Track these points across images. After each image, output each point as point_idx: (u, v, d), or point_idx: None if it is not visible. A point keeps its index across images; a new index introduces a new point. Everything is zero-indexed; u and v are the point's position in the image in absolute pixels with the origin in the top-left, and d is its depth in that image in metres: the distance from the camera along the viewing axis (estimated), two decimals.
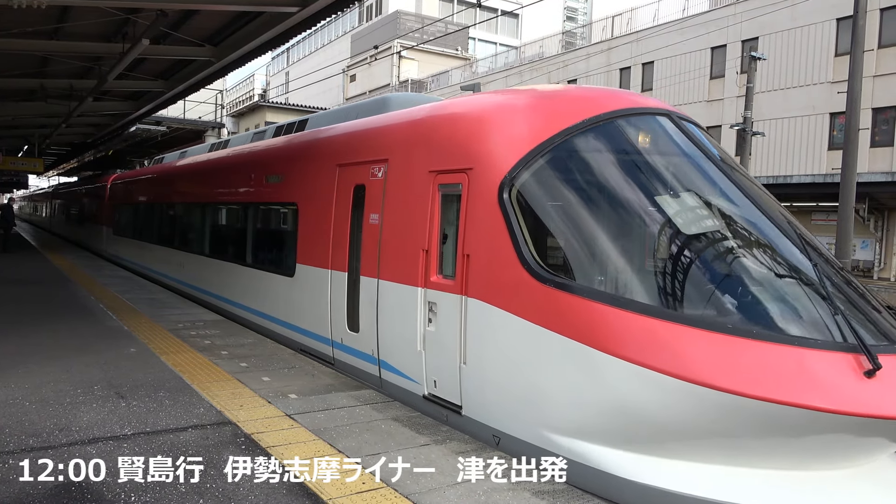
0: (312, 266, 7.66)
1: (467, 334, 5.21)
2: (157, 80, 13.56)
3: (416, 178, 5.96)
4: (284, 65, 60.59)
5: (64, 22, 9.48)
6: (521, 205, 5.01)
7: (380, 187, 6.44)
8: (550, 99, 5.83)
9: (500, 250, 4.94)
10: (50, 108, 15.62)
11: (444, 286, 5.48)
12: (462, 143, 5.61)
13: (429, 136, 6.11)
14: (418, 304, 5.70)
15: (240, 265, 10.13)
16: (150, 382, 6.04)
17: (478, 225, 5.18)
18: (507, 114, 5.59)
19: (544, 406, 4.71)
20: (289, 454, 4.38)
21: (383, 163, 6.49)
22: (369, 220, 6.53)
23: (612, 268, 4.79)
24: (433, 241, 5.66)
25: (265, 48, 10.15)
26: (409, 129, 6.53)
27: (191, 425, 4.95)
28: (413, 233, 5.85)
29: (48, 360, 6.73)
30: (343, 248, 7.00)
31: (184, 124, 25.10)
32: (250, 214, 10.06)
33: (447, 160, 5.66)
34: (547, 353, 4.63)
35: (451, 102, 6.61)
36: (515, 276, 4.81)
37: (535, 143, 5.10)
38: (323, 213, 7.44)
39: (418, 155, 6.06)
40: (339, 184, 7.22)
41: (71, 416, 5.03)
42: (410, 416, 5.38)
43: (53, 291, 11.97)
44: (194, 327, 8.89)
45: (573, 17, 62.43)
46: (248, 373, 6.57)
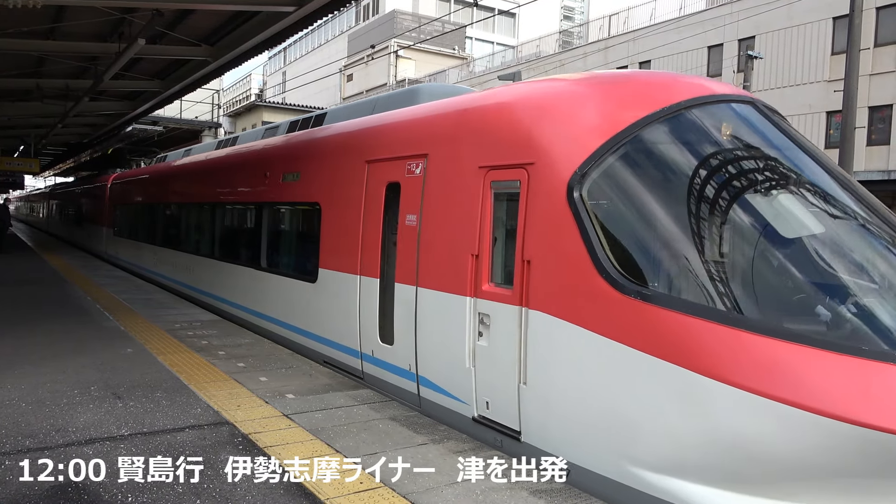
0: (337, 271, 7.05)
1: (528, 351, 4.61)
2: (153, 79, 13.54)
3: (462, 174, 5.37)
4: (281, 64, 60.52)
5: (60, 21, 9.45)
6: (596, 204, 4.43)
7: (418, 185, 5.83)
8: (622, 84, 5.22)
9: (570, 256, 4.35)
10: (46, 108, 15.58)
11: (498, 296, 4.89)
12: (521, 135, 4.98)
13: (478, 127, 5.50)
14: (466, 315, 5.11)
15: (253, 269, 9.50)
16: (147, 383, 6.02)
17: (541, 227, 4.59)
18: (574, 101, 4.98)
19: (628, 436, 4.09)
20: (286, 454, 4.37)
21: (422, 158, 5.87)
22: (405, 222, 5.91)
23: (715, 278, 4.10)
24: (484, 246, 5.06)
25: (262, 48, 10.14)
26: (453, 120, 5.88)
27: (188, 425, 4.93)
28: (459, 236, 5.27)
29: (44, 360, 6.70)
30: (374, 251, 6.40)
31: (180, 124, 25.08)
32: (265, 215, 9.34)
33: (501, 154, 5.06)
34: (633, 376, 4.03)
35: (504, 90, 5.88)
36: (590, 286, 4.21)
37: (609, 134, 4.50)
38: (349, 214, 6.84)
39: (465, 149, 5.47)
40: (368, 182, 6.61)
41: (68, 417, 5.01)
42: (408, 416, 5.37)
43: (50, 292, 11.94)
44: (191, 327, 8.87)
45: (570, 17, 62.47)
46: (245, 373, 6.55)
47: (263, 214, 9.36)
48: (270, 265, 9.15)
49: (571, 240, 4.34)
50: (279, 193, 8.90)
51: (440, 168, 5.69)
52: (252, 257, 9.65)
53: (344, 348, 6.97)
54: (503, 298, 4.84)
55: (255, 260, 9.50)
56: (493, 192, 5.10)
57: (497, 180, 5.06)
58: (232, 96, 51.11)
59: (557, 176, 4.55)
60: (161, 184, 15.53)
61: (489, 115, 5.53)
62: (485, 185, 5.13)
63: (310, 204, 8.01)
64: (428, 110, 6.44)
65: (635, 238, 4.47)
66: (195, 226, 12.87)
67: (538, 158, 4.73)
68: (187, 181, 13.75)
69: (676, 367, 3.80)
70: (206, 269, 11.56)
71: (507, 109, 5.38)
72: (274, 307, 8.75)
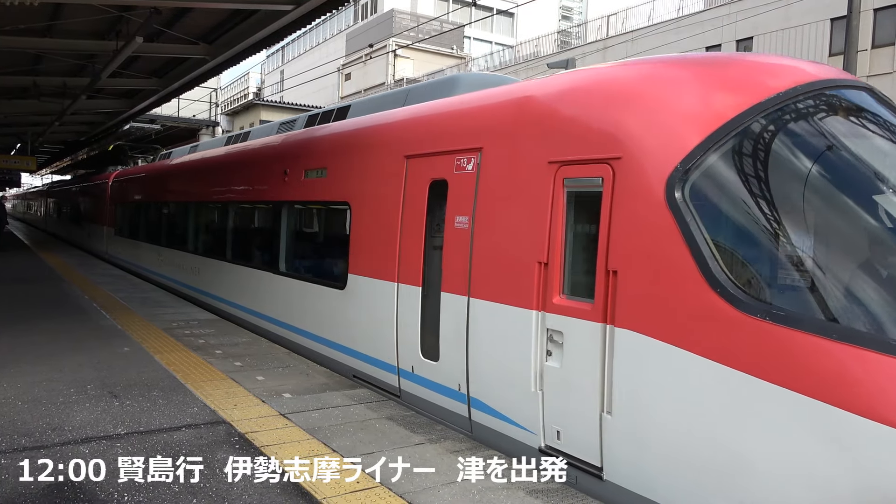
0: (371, 277, 6.40)
1: (615, 376, 3.99)
2: (150, 78, 13.50)
3: (526, 170, 4.75)
4: (279, 63, 60.46)
5: (57, 19, 9.43)
6: (703, 206, 3.81)
7: (469, 183, 5.22)
8: (724, 67, 4.52)
9: (672, 267, 3.74)
10: (43, 105, 15.54)
11: (574, 310, 4.27)
12: (604, 125, 4.34)
13: (547, 117, 4.80)
14: (533, 331, 4.50)
15: (270, 273, 8.76)
16: (144, 381, 6.01)
17: (631, 232, 3.97)
18: (671, 86, 4.32)
19: (754, 485, 3.42)
20: (283, 453, 4.37)
21: (474, 153, 5.25)
22: (454, 224, 5.30)
23: (867, 297, 3.48)
24: (554, 253, 4.42)
25: (259, 46, 10.12)
26: (515, 109, 5.20)
27: (185, 424, 4.93)
28: (522, 241, 4.65)
29: (40, 359, 6.69)
30: (415, 257, 5.76)
31: (178, 122, 25.05)
32: (284, 215, 8.60)
33: (577, 147, 4.42)
34: (760, 412, 3.40)
35: (577, 74, 5.17)
36: (700, 303, 3.59)
37: (716, 124, 3.87)
38: (385, 215, 6.21)
39: (530, 142, 4.81)
40: (409, 179, 5.98)
41: (64, 416, 5.00)
42: (405, 416, 5.37)
43: (46, 290, 11.91)
44: (188, 326, 8.86)
45: (568, 17, 62.48)
46: (242, 372, 6.55)
47: (282, 214, 8.64)
48: (290, 269, 8.48)
49: (673, 247, 3.73)
50: (301, 191, 8.21)
51: (498, 163, 5.05)
52: (269, 260, 9.00)
53: (377, 362, 6.32)
54: (580, 314, 4.22)
55: (272, 263, 8.82)
56: (565, 190, 4.45)
57: (572, 177, 4.40)
58: (230, 95, 51.07)
59: (652, 172, 3.93)
60: (167, 181, 14.94)
61: (562, 102, 4.80)
62: (556, 182, 4.47)
63: (338, 203, 7.42)
64: (481, 99, 5.76)
65: (757, 246, 3.81)
66: (203, 226, 12.30)
67: (627, 152, 4.08)
68: (196, 179, 12.96)
69: (824, 404, 3.15)
70: (214, 271, 10.93)
71: (584, 96, 4.68)
72: (293, 314, 8.09)
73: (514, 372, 4.69)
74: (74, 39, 10.68)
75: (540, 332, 4.50)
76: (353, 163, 7.06)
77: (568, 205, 4.47)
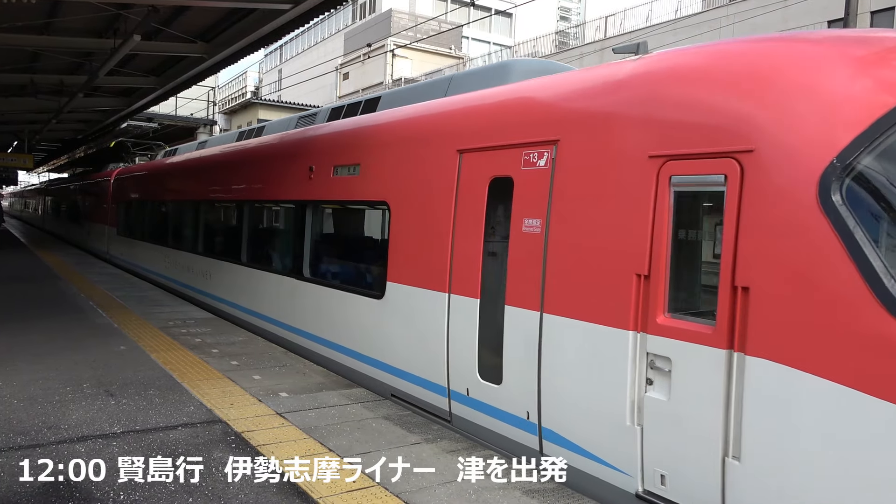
0: (414, 286, 5.75)
1: (745, 414, 3.35)
2: (148, 76, 13.48)
3: (618, 166, 4.08)
4: (277, 62, 60.39)
5: (54, 17, 9.40)
6: (871, 209, 3.20)
7: (542, 181, 4.55)
8: (874, 44, 3.79)
9: (830, 284, 3.10)
10: (40, 103, 15.48)
11: (685, 333, 3.61)
12: (728, 112, 3.65)
13: (647, 103, 4.07)
14: (629, 356, 3.87)
15: (293, 279, 7.99)
16: (140, 380, 6.01)
17: (769, 241, 3.32)
18: (815, 67, 3.58)
19: None
20: (279, 452, 4.37)
21: (549, 146, 4.56)
22: (522, 228, 4.66)
23: None
24: (658, 264, 3.76)
25: (257, 45, 10.11)
26: (601, 95, 4.48)
27: (181, 423, 4.93)
28: (613, 249, 4.01)
29: (37, 357, 6.68)
30: (471, 264, 5.12)
31: (175, 121, 24.98)
32: (309, 215, 7.89)
33: (690, 139, 3.73)
34: None
35: (684, 52, 4.47)
36: (874, 330, 2.93)
37: (883, 110, 3.20)
38: (433, 216, 5.60)
39: (624, 133, 4.11)
40: (463, 176, 5.33)
41: (60, 414, 4.99)
42: (401, 415, 5.37)
43: (43, 288, 11.89)
44: (185, 325, 8.85)
45: (566, 17, 62.52)
46: (238, 371, 6.54)
47: (307, 214, 7.90)
48: (316, 275, 7.78)
49: (831, 261, 3.08)
50: (329, 190, 7.44)
51: (580, 158, 4.37)
52: (291, 264, 8.23)
53: (423, 382, 5.67)
54: (695, 337, 3.57)
55: (294, 268, 8.06)
56: (672, 189, 3.76)
57: (682, 174, 3.72)
58: (228, 93, 51.00)
59: (800, 169, 3.27)
60: (174, 179, 14.21)
61: (667, 86, 4.05)
62: (660, 180, 3.80)
63: (374, 203, 6.80)
64: (556, 85, 5.05)
65: None
66: (214, 226, 11.67)
67: (761, 145, 3.42)
68: (207, 176, 12.06)
69: None
70: (226, 274, 10.17)
71: (699, 77, 3.94)
72: (320, 324, 7.39)
73: (601, 402, 4.06)
74: (72, 37, 10.65)
75: (638, 357, 3.85)
76: (393, 158, 6.38)
77: (676, 206, 3.78)
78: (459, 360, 5.23)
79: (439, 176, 5.58)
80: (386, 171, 6.45)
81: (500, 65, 6.38)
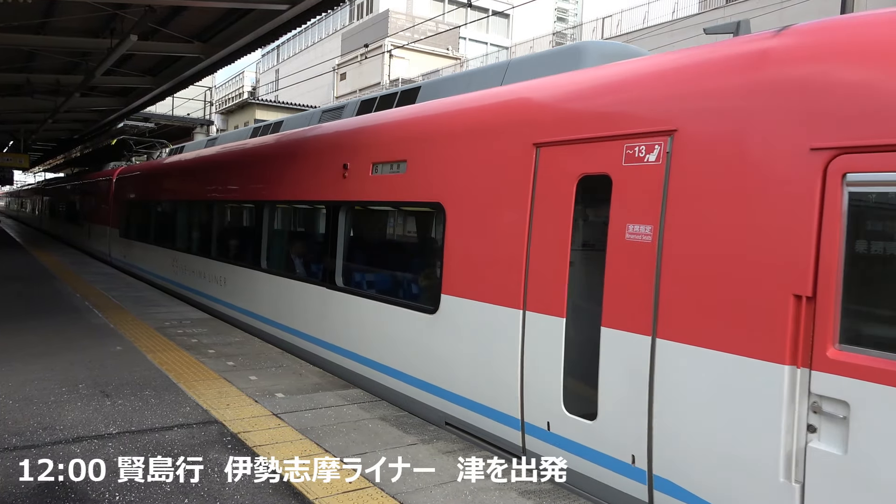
0: (477, 300, 5.05)
1: None
2: (145, 76, 13.46)
3: (765, 161, 3.37)
4: (274, 62, 60.35)
5: (50, 16, 9.39)
6: None
7: (653, 179, 3.85)
8: None
9: None
10: (36, 103, 15.44)
11: (872, 372, 2.94)
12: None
13: (807, 83, 3.31)
14: (783, 395, 3.19)
15: (324, 288, 7.20)
16: (136, 381, 6.00)
17: None
18: None
19: None
20: (275, 453, 4.36)
21: (661, 137, 3.84)
22: (624, 235, 3.98)
23: None
24: (828, 282, 3.09)
25: (255, 45, 10.11)
26: (736, 74, 3.70)
27: (176, 424, 4.92)
28: (759, 263, 3.34)
29: (32, 357, 6.66)
30: (555, 277, 4.37)
31: (172, 121, 24.94)
32: (343, 218, 7.09)
33: (871, 128, 3.03)
34: None
35: (854, 21, 3.75)
36: None
37: None
38: (501, 220, 4.90)
39: (773, 119, 3.38)
40: (541, 174, 4.59)
41: (55, 415, 4.98)
42: (398, 416, 5.37)
43: (38, 289, 11.86)
44: (181, 325, 8.84)
45: (564, 18, 62.63)
46: (234, 371, 6.53)
47: (340, 216, 7.10)
48: (351, 284, 7.02)
49: None
50: (368, 190, 6.65)
51: (707, 152, 3.66)
52: (321, 272, 7.51)
53: (487, 411, 4.95)
54: (884, 377, 2.90)
55: (325, 276, 7.29)
56: (845, 190, 3.06)
57: (862, 171, 3.05)
58: (225, 93, 50.97)
59: None
60: (183, 178, 13.32)
61: (836, 62, 3.30)
62: (828, 178, 3.11)
63: (424, 204, 6.08)
64: (665, 65, 4.33)
65: None
66: (231, 228, 10.89)
67: None
68: (221, 175, 11.12)
69: None
70: (244, 280, 9.34)
71: (881, 52, 3.18)
72: (356, 339, 6.63)
73: (740, 450, 3.38)
74: (68, 37, 10.64)
75: (797, 398, 3.17)
76: (449, 154, 5.60)
77: (851, 212, 3.07)
78: (537, 388, 4.52)
79: (509, 173, 4.87)
80: (440, 169, 5.67)
81: (571, 48, 5.64)
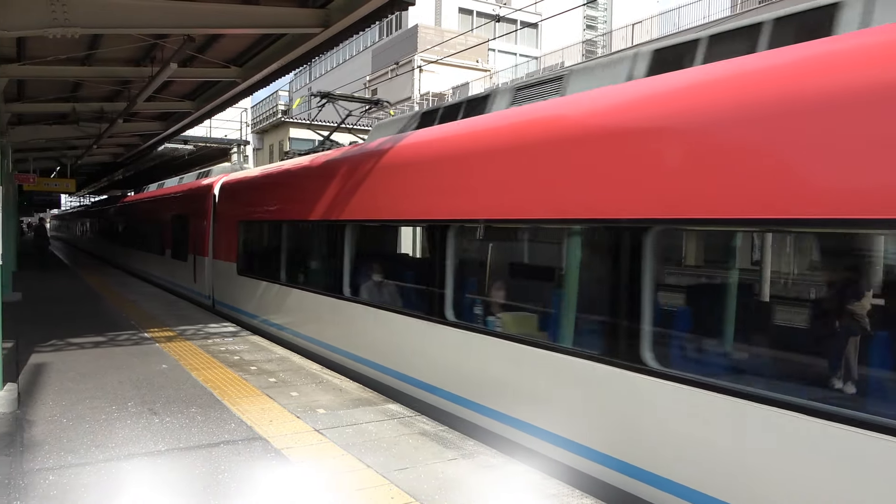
0: None
1: None
2: (184, 100, 13.88)
3: None
4: (307, 81, 61.42)
5: (95, 48, 9.78)
6: None
7: None
8: None
9: None
10: (82, 129, 16.06)
11: None
12: None
13: None
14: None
15: (589, 360, 4.56)
16: (182, 399, 6.17)
17: None
18: None
19: None
20: (318, 469, 4.44)
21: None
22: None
23: None
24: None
25: (289, 68, 10.34)
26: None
27: (222, 441, 5.05)
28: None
29: (83, 377, 6.91)
30: None
31: (209, 142, 25.60)
32: (650, 244, 4.21)
33: None
34: None
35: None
36: None
37: None
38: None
39: None
40: None
41: (106, 433, 5.16)
42: (438, 431, 5.41)
43: (85, 308, 12.26)
44: (223, 343, 9.04)
45: (593, 26, 62.37)
46: (276, 388, 6.67)
47: (648, 243, 4.22)
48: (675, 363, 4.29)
49: None
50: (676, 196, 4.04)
51: None
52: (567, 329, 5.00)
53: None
54: None
55: (571, 334, 4.94)
56: None
57: None
58: (261, 112, 52.07)
59: None
60: (341, 188, 8.14)
61: None
62: None
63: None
64: None
65: None
66: (440, 264, 6.17)
67: None
68: (392, 184, 7.13)
69: None
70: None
71: None
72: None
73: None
74: (112, 66, 11.05)
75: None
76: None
77: None
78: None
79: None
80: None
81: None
